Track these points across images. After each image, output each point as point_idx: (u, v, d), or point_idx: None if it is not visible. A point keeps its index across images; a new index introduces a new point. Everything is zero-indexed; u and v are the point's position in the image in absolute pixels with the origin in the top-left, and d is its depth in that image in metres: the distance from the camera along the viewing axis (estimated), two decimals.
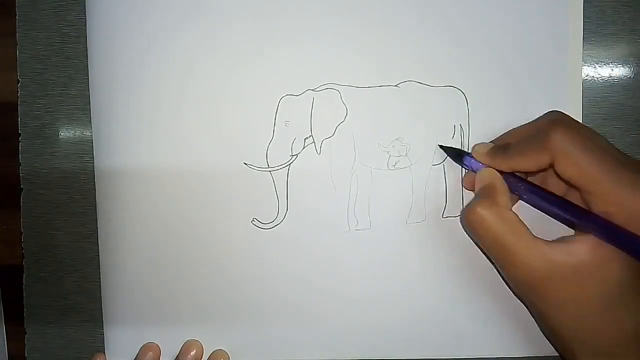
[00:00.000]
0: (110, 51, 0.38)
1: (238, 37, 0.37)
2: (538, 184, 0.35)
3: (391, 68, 0.37)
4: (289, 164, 0.38)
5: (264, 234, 0.38)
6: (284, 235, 0.38)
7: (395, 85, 0.37)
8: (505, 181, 0.34)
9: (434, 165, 0.38)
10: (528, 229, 0.32)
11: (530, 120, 0.35)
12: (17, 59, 0.39)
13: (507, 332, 0.38)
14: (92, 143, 0.38)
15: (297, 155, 0.38)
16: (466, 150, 0.37)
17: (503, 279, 0.36)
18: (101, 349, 0.39)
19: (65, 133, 0.39)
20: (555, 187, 0.34)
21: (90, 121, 0.38)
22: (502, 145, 0.34)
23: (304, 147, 0.38)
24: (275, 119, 0.37)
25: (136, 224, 0.38)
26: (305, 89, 0.37)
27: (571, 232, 0.34)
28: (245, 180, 0.38)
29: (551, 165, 0.32)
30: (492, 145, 0.35)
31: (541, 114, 0.35)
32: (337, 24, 0.37)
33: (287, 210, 0.38)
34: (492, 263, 0.36)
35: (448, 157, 0.37)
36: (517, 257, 0.32)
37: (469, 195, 0.37)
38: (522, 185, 0.34)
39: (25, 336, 0.40)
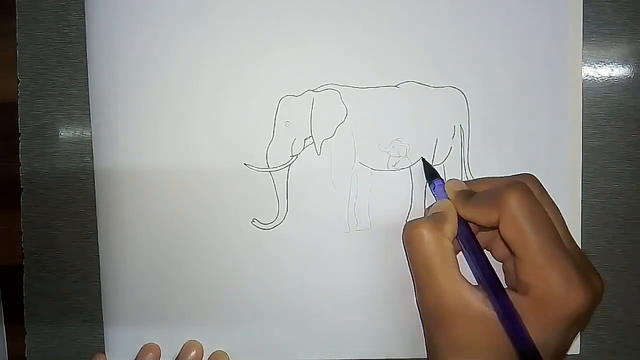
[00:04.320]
0: (110, 51, 0.38)
1: (238, 37, 0.37)
2: (483, 244, 0.35)
3: (391, 68, 0.37)
4: (289, 165, 0.38)
5: (264, 234, 0.38)
6: (284, 235, 0.38)
7: (395, 86, 0.37)
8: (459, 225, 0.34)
9: (434, 165, 0.38)
10: (458, 266, 0.32)
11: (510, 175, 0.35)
12: (17, 59, 0.39)
13: None
14: (92, 143, 0.38)
15: (297, 155, 0.38)
16: (440, 175, 0.37)
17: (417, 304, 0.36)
18: (101, 349, 0.39)
19: (65, 133, 0.39)
20: (498, 253, 0.35)
21: (90, 121, 0.38)
22: (469, 192, 0.34)
23: (304, 148, 0.38)
24: (275, 119, 0.37)
25: (136, 224, 0.38)
26: (305, 89, 0.37)
27: None
28: (245, 180, 0.38)
29: (497, 226, 0.32)
30: (464, 186, 0.35)
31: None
32: (337, 25, 0.37)
33: (287, 210, 0.38)
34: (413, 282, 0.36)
35: (448, 158, 0.37)
36: (437, 284, 0.32)
37: None
38: (466, 238, 0.34)
39: (25, 336, 0.40)
